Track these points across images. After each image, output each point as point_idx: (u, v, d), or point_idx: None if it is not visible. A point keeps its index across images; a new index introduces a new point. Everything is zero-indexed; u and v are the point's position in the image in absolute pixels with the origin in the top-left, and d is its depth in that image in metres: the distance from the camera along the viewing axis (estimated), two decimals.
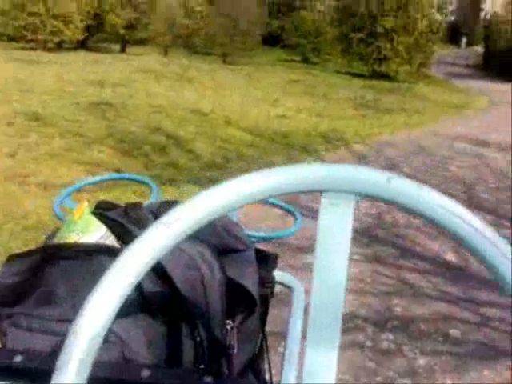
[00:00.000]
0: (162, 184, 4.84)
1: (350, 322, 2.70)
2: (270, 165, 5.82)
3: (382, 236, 4.00)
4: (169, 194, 4.54)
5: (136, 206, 0.87)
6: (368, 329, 2.66)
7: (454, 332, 2.65)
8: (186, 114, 8.15)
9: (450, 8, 29.72)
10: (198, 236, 0.79)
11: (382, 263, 3.48)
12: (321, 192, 0.48)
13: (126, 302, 0.46)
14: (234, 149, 6.44)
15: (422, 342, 2.55)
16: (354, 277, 3.23)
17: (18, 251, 0.79)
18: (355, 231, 0.48)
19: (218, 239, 0.83)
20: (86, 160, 5.42)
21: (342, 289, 0.50)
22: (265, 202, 1.71)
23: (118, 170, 5.14)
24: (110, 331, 0.67)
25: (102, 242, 0.78)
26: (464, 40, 32.37)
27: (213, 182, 4.93)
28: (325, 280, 0.49)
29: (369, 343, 2.53)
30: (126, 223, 0.80)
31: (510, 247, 0.46)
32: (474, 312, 2.88)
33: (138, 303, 0.71)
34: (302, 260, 3.18)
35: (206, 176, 5.22)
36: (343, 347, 2.47)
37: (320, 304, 0.50)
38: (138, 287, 0.70)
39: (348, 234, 0.49)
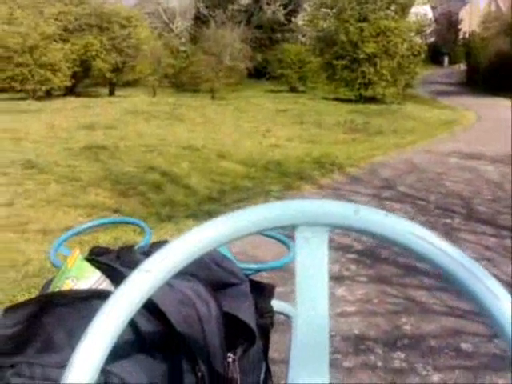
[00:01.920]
0: (161, 221, 4.85)
1: (360, 344, 2.68)
2: (267, 194, 5.84)
3: (385, 255, 4.00)
4: (167, 230, 4.54)
5: (128, 249, 0.89)
6: (378, 349, 2.63)
7: (466, 346, 2.63)
8: (178, 151, 8.21)
9: (429, 30, 30.32)
10: (191, 272, 0.81)
11: (387, 283, 3.47)
12: (294, 227, 0.50)
13: (123, 343, 0.48)
14: (229, 181, 6.47)
15: (434, 358, 2.53)
16: (360, 298, 3.22)
17: (20, 299, 0.80)
18: (358, 252, 0.49)
19: (211, 274, 0.85)
20: (83, 203, 5.43)
21: (326, 318, 0.50)
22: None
23: (115, 211, 5.14)
24: (110, 373, 0.67)
25: (97, 286, 0.80)
26: (446, 59, 33.02)
27: (210, 215, 4.93)
28: (308, 313, 0.50)
29: (380, 363, 2.51)
30: (118, 267, 0.82)
31: (480, 268, 0.47)
32: (483, 324, 2.86)
33: (136, 343, 0.72)
34: None
35: (203, 210, 5.23)
36: (355, 369, 2.45)
37: (305, 338, 0.50)
38: (135, 327, 0.71)
39: (325, 265, 0.50)
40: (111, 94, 18.31)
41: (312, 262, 0.50)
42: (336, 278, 3.51)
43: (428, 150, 8.73)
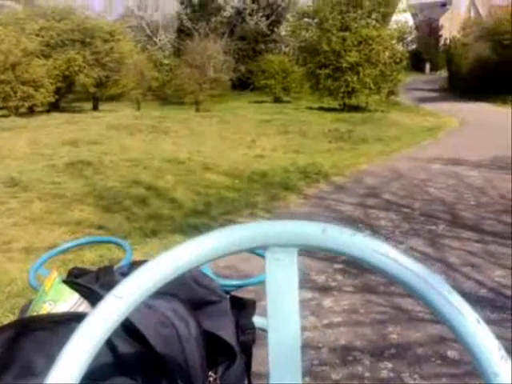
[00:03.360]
0: (146, 236, 4.82)
1: (347, 355, 2.67)
2: (253, 206, 5.83)
3: None
4: (153, 246, 4.51)
5: (107, 270, 0.88)
6: (365, 360, 2.63)
7: (452, 353, 2.64)
8: (163, 164, 8.19)
9: (410, 37, 30.68)
10: (169, 291, 0.80)
11: (373, 292, 3.47)
12: (265, 248, 0.51)
13: (102, 365, 0.48)
14: (215, 193, 6.46)
15: (421, 367, 2.52)
16: (347, 308, 3.21)
17: (4, 320, 0.79)
18: (344, 262, 0.50)
19: (190, 293, 0.84)
20: (67, 220, 5.38)
21: (297, 336, 0.51)
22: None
23: (100, 227, 5.10)
24: None
25: (75, 308, 0.79)
26: (428, 66, 33.42)
27: (196, 229, 4.92)
28: (280, 330, 0.51)
29: (368, 374, 2.50)
30: (96, 289, 0.81)
31: (443, 283, 0.48)
32: None
33: (115, 366, 0.71)
34: None
35: (189, 224, 5.20)
36: (342, 380, 2.44)
37: (278, 353, 0.51)
38: (113, 349, 0.71)
39: (295, 284, 0.52)
40: (95, 108, 18.26)
41: (283, 281, 0.51)
42: (324, 289, 3.51)
43: (412, 157, 8.80)
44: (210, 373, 0.79)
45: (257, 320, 0.96)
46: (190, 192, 6.53)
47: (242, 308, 0.91)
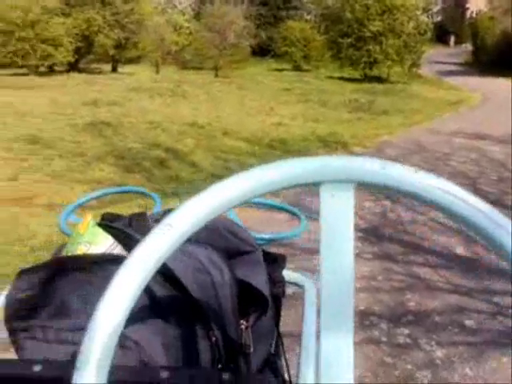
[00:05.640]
0: (166, 197, 4.85)
1: (365, 320, 2.69)
2: None
3: (389, 233, 4.00)
4: (172, 206, 4.54)
5: (140, 215, 0.88)
6: (383, 324, 2.65)
7: (469, 322, 2.65)
8: (182, 127, 8.17)
9: (435, 9, 29.95)
10: (205, 240, 0.81)
11: (391, 260, 3.47)
12: (319, 185, 0.49)
13: (138, 308, 0.46)
14: (234, 158, 6.45)
15: (438, 334, 2.54)
16: (366, 275, 3.22)
17: None
18: (363, 231, 0.48)
19: (225, 243, 0.84)
20: (88, 179, 5.42)
21: (352, 275, 0.50)
22: (268, 205, 1.71)
23: (119, 186, 5.14)
24: (125, 337, 0.67)
25: (109, 252, 0.79)
26: (452, 39, 32.63)
27: None
28: (333, 268, 0.50)
29: (384, 339, 2.53)
30: (131, 232, 0.81)
31: (508, 221, 0.46)
32: (487, 302, 2.87)
33: (151, 309, 0.72)
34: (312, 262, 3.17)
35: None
36: (359, 344, 2.46)
37: (330, 293, 0.50)
38: (149, 293, 0.71)
39: (351, 223, 0.49)
40: (114, 70, 18.16)
41: (337, 220, 0.49)
42: None
43: (433, 130, 8.68)
44: (241, 321, 0.79)
45: (287, 274, 0.97)
46: (210, 156, 6.53)
47: (273, 262, 0.91)
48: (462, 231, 4.04)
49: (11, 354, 0.73)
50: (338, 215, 0.49)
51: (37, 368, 0.64)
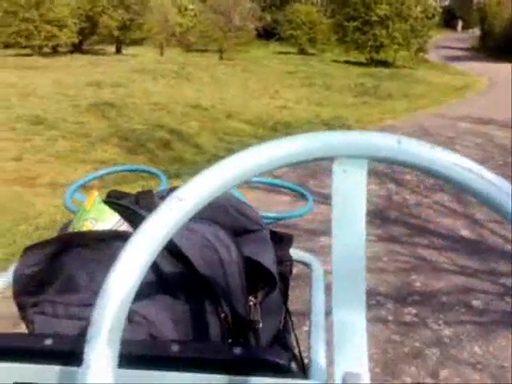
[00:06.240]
0: (170, 178, 4.84)
1: (371, 299, 2.69)
2: None
3: (394, 216, 3.99)
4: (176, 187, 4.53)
5: (147, 193, 0.88)
6: (389, 304, 2.65)
7: (476, 303, 2.64)
8: (186, 109, 8.14)
9: None
10: (211, 218, 0.80)
11: (397, 242, 3.46)
12: (332, 159, 0.48)
13: (146, 284, 0.46)
14: (237, 141, 6.43)
15: (446, 314, 2.54)
16: (371, 256, 3.22)
17: None
18: (368, 213, 0.48)
19: (231, 221, 0.84)
20: (91, 159, 5.41)
21: (363, 249, 0.49)
22: (277, 185, 1.69)
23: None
24: (134, 312, 0.67)
25: (116, 228, 0.79)
26: (460, 23, 32.28)
27: None
28: (345, 243, 0.49)
29: (391, 317, 2.53)
30: (137, 209, 0.80)
31: None
32: (493, 283, 2.87)
33: (159, 285, 0.72)
34: (318, 243, 3.17)
35: None
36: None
37: (342, 268, 0.50)
38: (157, 269, 0.71)
39: (363, 199, 0.49)
40: (118, 51, 18.06)
41: (350, 196, 0.48)
42: None
43: (439, 115, 8.62)
44: (249, 298, 0.79)
45: (294, 252, 0.96)
46: (214, 138, 6.51)
47: (280, 241, 0.92)
48: (467, 214, 4.03)
49: (21, 329, 0.74)
50: (351, 191, 0.48)
51: (48, 342, 0.65)
